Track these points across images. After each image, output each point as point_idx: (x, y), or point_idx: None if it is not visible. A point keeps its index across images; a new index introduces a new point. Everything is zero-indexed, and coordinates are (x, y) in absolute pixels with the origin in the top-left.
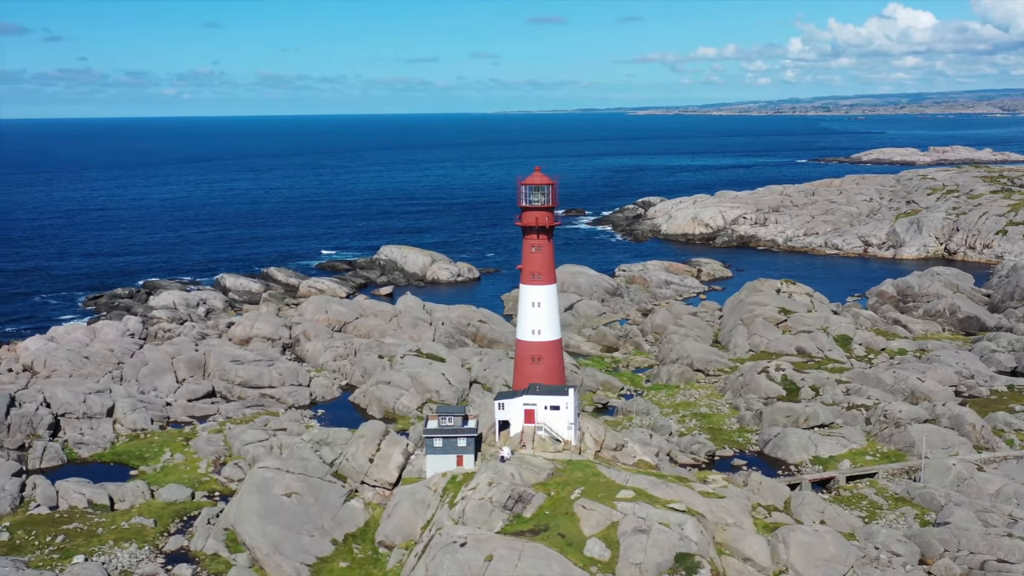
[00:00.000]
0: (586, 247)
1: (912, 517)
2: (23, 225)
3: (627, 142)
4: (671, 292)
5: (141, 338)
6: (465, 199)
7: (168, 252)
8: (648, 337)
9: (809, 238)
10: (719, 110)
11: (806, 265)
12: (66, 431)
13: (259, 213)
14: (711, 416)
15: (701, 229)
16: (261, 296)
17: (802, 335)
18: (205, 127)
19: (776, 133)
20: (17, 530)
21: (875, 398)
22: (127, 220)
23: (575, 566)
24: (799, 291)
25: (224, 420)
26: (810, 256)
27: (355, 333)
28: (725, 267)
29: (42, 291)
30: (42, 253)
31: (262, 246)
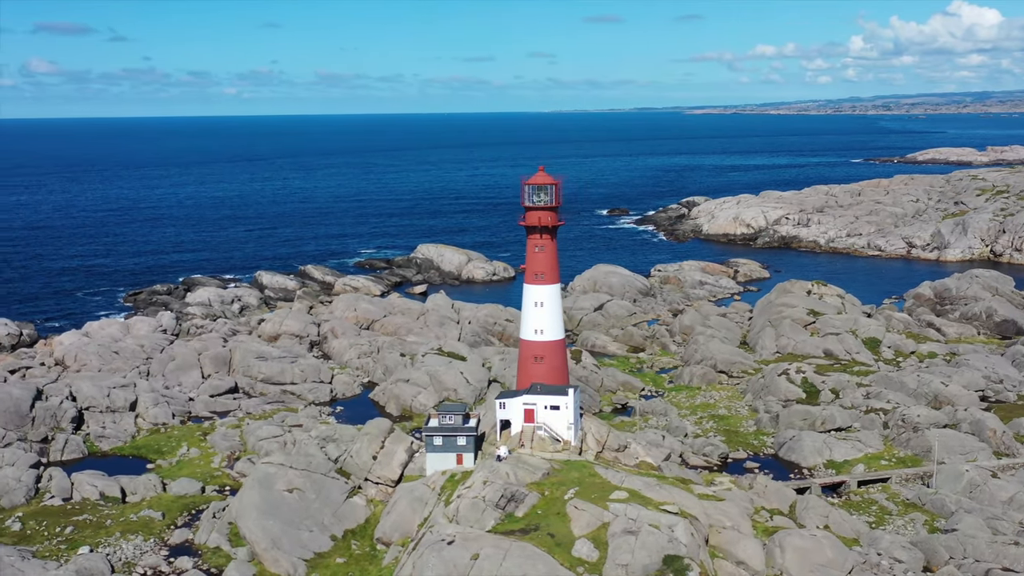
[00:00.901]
0: (626, 246)
1: (921, 523)
2: (77, 222)
3: (681, 141)
4: (705, 293)
5: (174, 334)
6: (512, 198)
7: (212, 249)
8: (676, 338)
9: (852, 239)
10: (777, 109)
11: (847, 267)
12: (89, 424)
13: (305, 212)
14: (729, 418)
15: (742, 229)
16: (295, 293)
17: (830, 337)
18: (263, 126)
19: (833, 132)
20: (29, 520)
21: (895, 402)
22: (176, 218)
23: (561, 566)
24: (830, 293)
25: (243, 416)
26: (852, 257)
27: (382, 331)
28: (763, 268)
29: (86, 287)
30: (90, 250)
31: (305, 244)
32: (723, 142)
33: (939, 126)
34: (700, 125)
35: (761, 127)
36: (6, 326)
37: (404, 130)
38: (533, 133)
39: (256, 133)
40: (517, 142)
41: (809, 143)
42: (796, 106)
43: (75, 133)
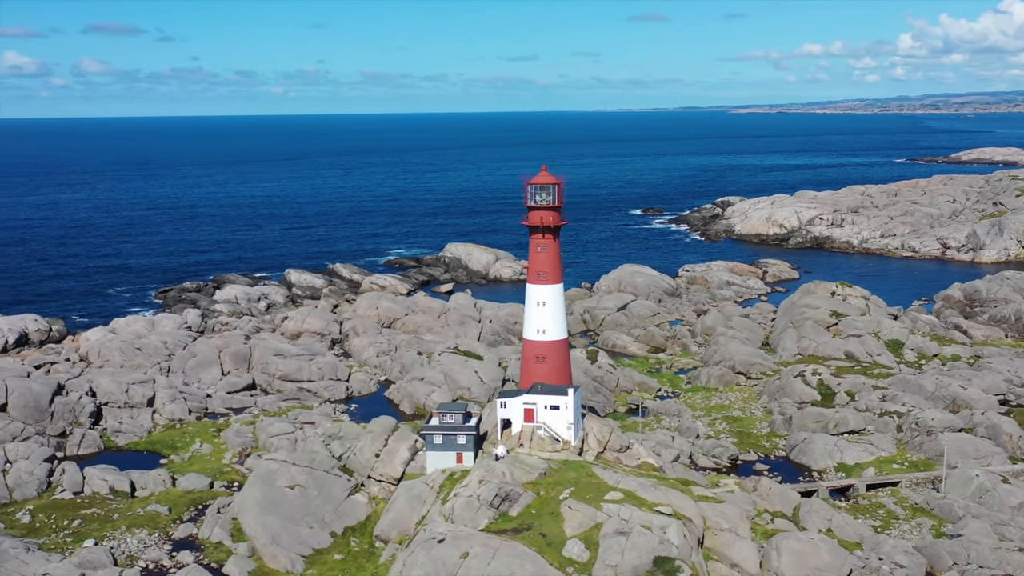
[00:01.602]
0: (657, 246)
1: (928, 528)
2: (117, 220)
3: (723, 141)
4: (731, 293)
5: (199, 331)
6: None
7: (245, 248)
8: (697, 338)
9: (886, 240)
10: (823, 108)
11: (879, 268)
12: (107, 419)
13: (341, 210)
14: (743, 420)
15: (775, 230)
16: (322, 291)
17: (851, 339)
18: (308, 125)
19: (878, 132)
20: (39, 513)
21: (910, 405)
22: (214, 216)
23: (550, 566)
24: (854, 294)
25: (259, 412)
26: (885, 259)
27: (403, 329)
28: (793, 269)
29: (119, 284)
30: (126, 247)
31: (338, 242)
32: (766, 142)
33: (987, 125)
34: (744, 124)
35: (805, 126)
36: (36, 322)
37: (447, 129)
38: (576, 132)
39: (301, 132)
40: (559, 141)
41: (853, 143)
42: (843, 105)
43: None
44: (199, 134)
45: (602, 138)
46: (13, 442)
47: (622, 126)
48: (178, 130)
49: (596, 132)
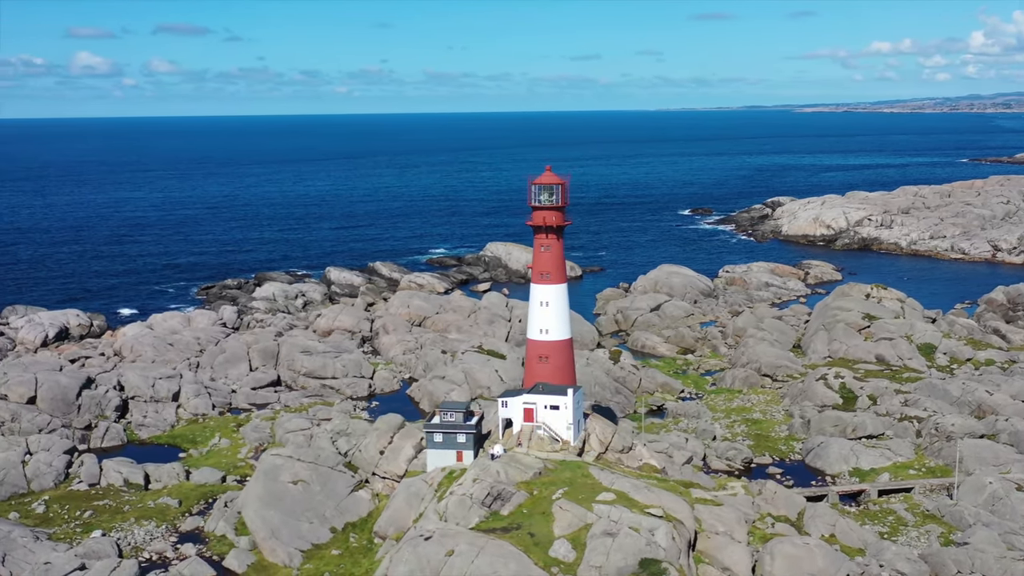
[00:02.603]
0: (701, 247)
1: (936, 535)
2: (169, 218)
3: (786, 140)
4: (769, 295)
5: (234, 327)
6: (600, 196)
7: (292, 245)
8: (728, 340)
9: (935, 241)
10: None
11: (926, 270)
12: (132, 413)
13: (393, 209)
14: (762, 422)
15: (822, 230)
16: (359, 289)
17: (883, 342)
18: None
19: (945, 131)
20: (53, 504)
21: (931, 410)
22: (265, 214)
23: (535, 566)
24: (890, 296)
25: (280, 408)
26: (933, 260)
27: (433, 328)
28: (836, 270)
29: (164, 280)
30: (176, 244)
31: (385, 241)
32: (829, 141)
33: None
34: (809, 124)
35: (871, 126)
36: (77, 316)
37: (508, 129)
38: (636, 132)
39: (363, 131)
40: (618, 141)
41: (918, 143)
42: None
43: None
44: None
45: (662, 137)
46: (36, 434)
47: (684, 125)
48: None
49: (657, 131)
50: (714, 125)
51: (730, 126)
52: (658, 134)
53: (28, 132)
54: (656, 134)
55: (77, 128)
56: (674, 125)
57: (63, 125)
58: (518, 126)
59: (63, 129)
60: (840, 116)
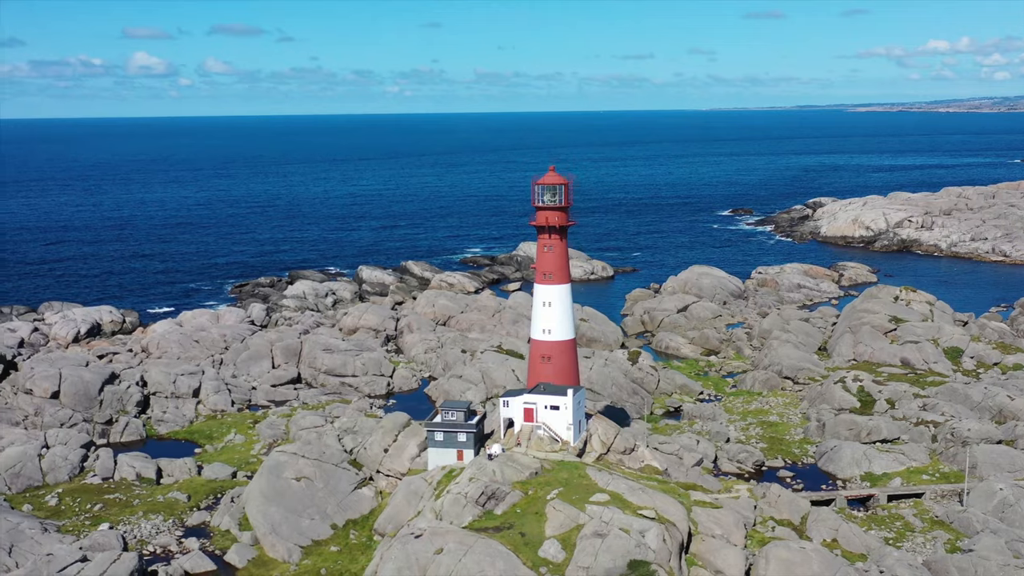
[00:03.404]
0: (738, 247)
1: (942, 542)
2: (213, 216)
3: (836, 140)
4: (801, 297)
5: (261, 325)
6: (641, 197)
7: (330, 244)
8: (754, 342)
9: (976, 243)
10: (947, 107)
11: (965, 272)
12: (153, 409)
13: (432, 208)
14: (778, 425)
15: (861, 232)
16: (389, 288)
17: (908, 345)
18: (422, 124)
19: (1002, 131)
20: (66, 497)
21: (948, 415)
22: (308, 213)
23: (523, 565)
24: (919, 299)
25: (298, 405)
26: (974, 263)
27: (457, 327)
28: (871, 272)
29: (200, 278)
30: (217, 242)
31: (421, 240)
32: (880, 141)
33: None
34: (861, 124)
35: (926, 126)
36: (111, 313)
37: (558, 129)
38: (686, 131)
39: (413, 131)
40: (668, 140)
41: (972, 143)
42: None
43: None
44: (314, 133)
45: (711, 137)
46: (55, 428)
47: (734, 125)
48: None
49: (706, 131)
50: (765, 125)
51: (781, 126)
52: (707, 134)
53: (85, 132)
54: (705, 134)
55: (133, 128)
56: (724, 125)
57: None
58: (567, 126)
59: (119, 129)
60: (894, 116)
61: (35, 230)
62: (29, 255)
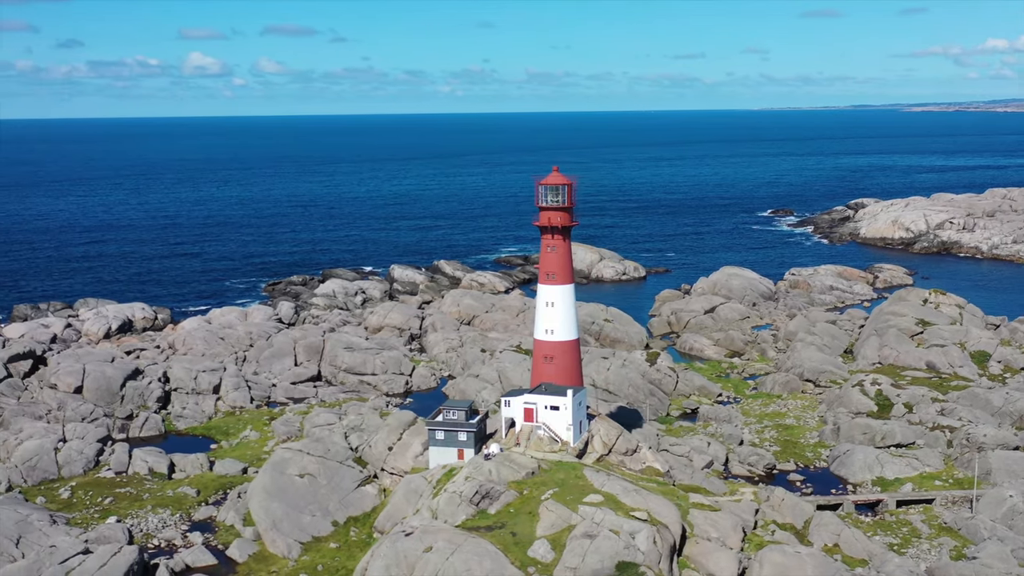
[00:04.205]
0: (775, 248)
1: (948, 548)
2: (255, 214)
3: (889, 140)
4: (832, 299)
5: (289, 323)
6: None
7: (366, 243)
8: (779, 344)
9: (1018, 246)
10: (1005, 107)
11: (1005, 275)
12: (174, 404)
13: (472, 208)
14: (794, 428)
15: (900, 233)
16: (419, 287)
17: (934, 349)
18: (472, 123)
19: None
20: (79, 490)
21: (966, 420)
22: (349, 213)
23: (511, 565)
24: (948, 302)
25: (315, 403)
26: (1016, 266)
27: (481, 327)
28: (908, 274)
29: (234, 275)
30: (256, 241)
31: (458, 239)
32: (933, 141)
33: None
34: (916, 124)
35: (982, 126)
36: (143, 310)
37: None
38: (737, 131)
39: (462, 130)
40: (717, 140)
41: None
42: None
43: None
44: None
45: (761, 137)
46: (74, 423)
47: (786, 125)
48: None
49: (757, 131)
50: (817, 125)
51: (834, 126)
52: (758, 134)
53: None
54: (755, 134)
55: (187, 128)
56: (776, 125)
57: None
58: (617, 126)
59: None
60: (951, 116)
61: (80, 228)
62: (72, 253)
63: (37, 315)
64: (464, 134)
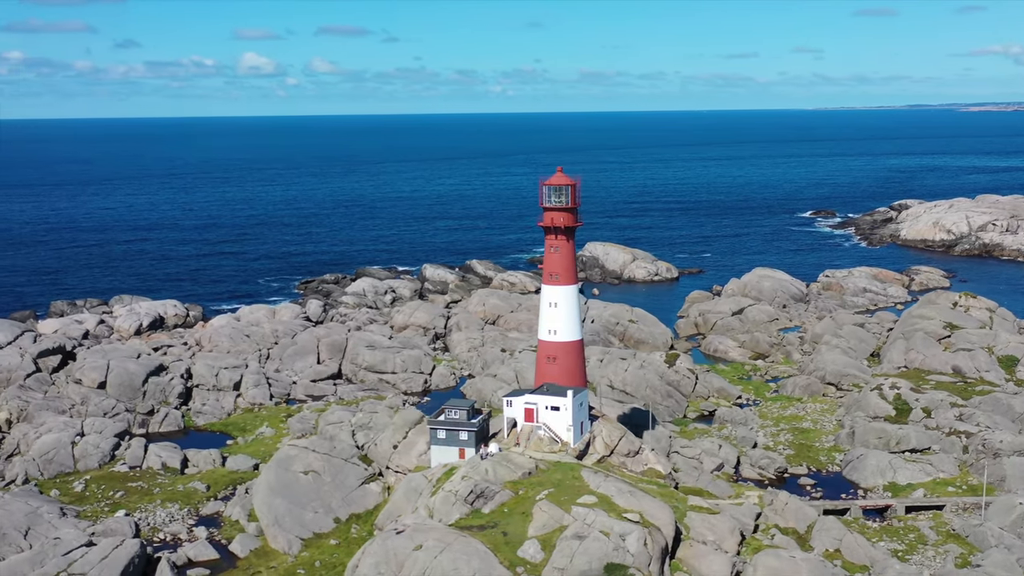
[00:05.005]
0: (812, 250)
1: (954, 556)
2: (296, 213)
3: (943, 140)
4: (865, 301)
5: (317, 321)
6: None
7: (402, 242)
8: (805, 346)
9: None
10: None
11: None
12: (195, 400)
13: (511, 208)
14: (810, 432)
15: (941, 235)
16: (449, 287)
17: (961, 353)
18: (523, 123)
19: None
20: (92, 484)
21: (984, 425)
22: (389, 212)
23: (499, 564)
24: (978, 305)
25: (334, 400)
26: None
27: (506, 326)
28: (945, 277)
29: (272, 273)
30: (294, 239)
31: (492, 239)
32: (987, 142)
33: None
34: (972, 124)
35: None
36: (175, 307)
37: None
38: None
39: (512, 130)
40: (767, 140)
41: None
42: None
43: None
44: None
45: (812, 137)
46: (93, 418)
47: (838, 125)
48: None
49: (808, 131)
50: (871, 125)
51: (888, 126)
52: (810, 134)
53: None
54: (808, 134)
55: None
56: (829, 125)
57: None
58: (668, 126)
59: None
60: (1009, 115)
61: (124, 227)
62: (114, 251)
63: (73, 311)
64: (514, 134)
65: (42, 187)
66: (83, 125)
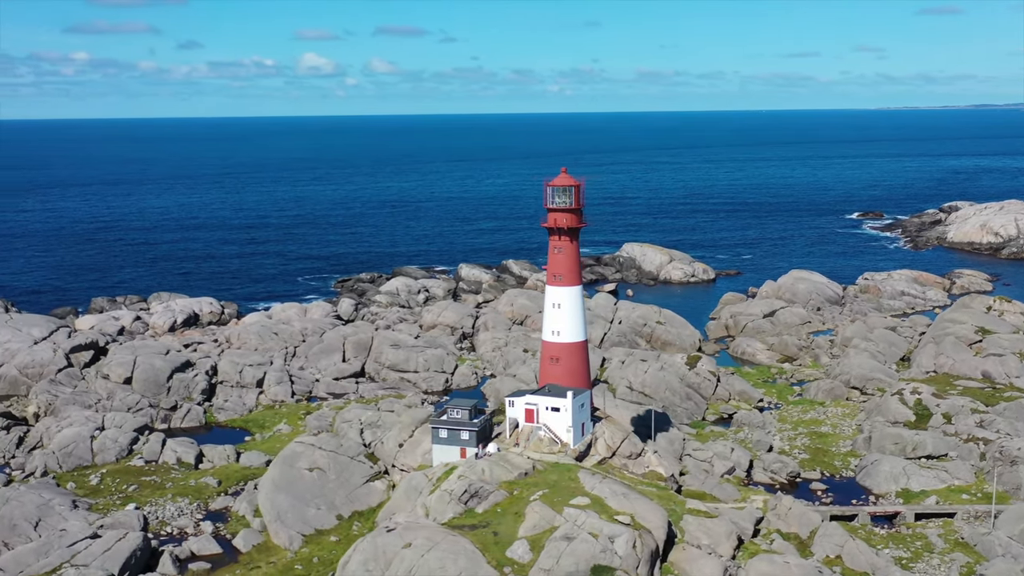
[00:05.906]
0: (855, 251)
1: (959, 565)
2: (341, 212)
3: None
4: (902, 304)
5: (348, 320)
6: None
7: (443, 241)
8: (834, 350)
9: None
10: None
11: None
12: (218, 397)
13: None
14: (828, 436)
15: (989, 238)
16: (483, 286)
17: (991, 358)
18: (580, 123)
19: None
20: (107, 478)
21: (1004, 432)
22: (431, 212)
23: (486, 564)
24: (1013, 310)
25: (355, 399)
26: None
27: (532, 326)
28: (988, 280)
29: (311, 272)
30: (338, 238)
31: (534, 239)
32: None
33: None
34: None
35: None
36: (210, 304)
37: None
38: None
39: (570, 130)
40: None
41: None
42: None
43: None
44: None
45: (875, 137)
46: (115, 412)
47: (902, 125)
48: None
49: (871, 131)
50: (934, 125)
51: (951, 126)
52: (871, 134)
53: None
54: (868, 134)
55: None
56: (891, 125)
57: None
58: (727, 125)
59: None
60: None
61: (172, 226)
62: (159, 248)
63: (112, 308)
64: (570, 134)
65: (100, 185)
66: (146, 125)
